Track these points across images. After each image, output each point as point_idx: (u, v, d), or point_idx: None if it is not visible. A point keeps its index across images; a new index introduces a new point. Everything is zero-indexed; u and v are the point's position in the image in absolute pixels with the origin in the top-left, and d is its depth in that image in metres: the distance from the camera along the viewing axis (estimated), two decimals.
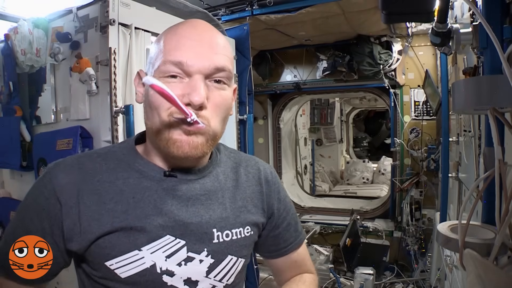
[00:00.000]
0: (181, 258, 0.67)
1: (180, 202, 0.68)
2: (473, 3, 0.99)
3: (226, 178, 0.76)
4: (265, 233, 0.82)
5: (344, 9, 2.63)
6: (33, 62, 1.80)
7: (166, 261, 0.66)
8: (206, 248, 0.69)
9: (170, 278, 0.67)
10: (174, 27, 0.69)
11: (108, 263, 0.65)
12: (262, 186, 0.80)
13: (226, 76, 0.67)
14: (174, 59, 0.63)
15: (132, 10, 1.61)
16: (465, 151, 1.73)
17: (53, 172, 0.68)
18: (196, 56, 0.64)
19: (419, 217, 3.14)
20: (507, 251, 0.75)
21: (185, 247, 0.67)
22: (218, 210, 0.72)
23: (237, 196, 0.76)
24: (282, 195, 0.84)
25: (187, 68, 0.63)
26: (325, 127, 6.15)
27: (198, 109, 0.63)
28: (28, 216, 0.66)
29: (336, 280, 2.80)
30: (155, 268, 0.65)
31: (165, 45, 0.65)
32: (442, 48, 1.64)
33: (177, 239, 0.67)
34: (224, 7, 2.66)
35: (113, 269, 0.65)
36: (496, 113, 0.73)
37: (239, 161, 0.81)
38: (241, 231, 0.74)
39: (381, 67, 3.26)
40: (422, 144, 3.30)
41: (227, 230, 0.72)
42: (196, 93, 0.62)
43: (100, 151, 0.73)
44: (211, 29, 0.69)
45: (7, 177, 2.14)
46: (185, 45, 0.64)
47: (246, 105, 2.42)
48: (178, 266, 0.67)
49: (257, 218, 0.78)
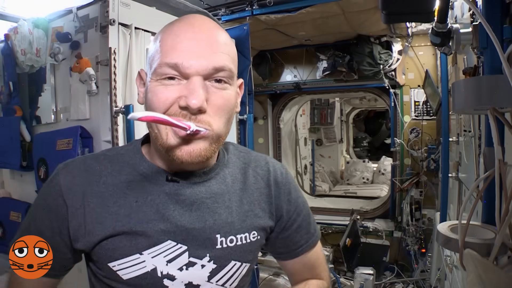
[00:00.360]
0: (182, 263, 0.67)
1: (183, 207, 0.67)
2: (473, 3, 0.99)
3: (233, 180, 0.74)
4: (274, 235, 0.79)
5: (344, 9, 2.63)
6: (33, 62, 1.80)
7: (167, 266, 0.66)
8: (209, 254, 0.68)
9: (171, 282, 0.66)
10: (170, 25, 0.66)
11: (111, 265, 0.65)
12: (271, 188, 0.77)
13: (227, 76, 0.63)
14: (170, 61, 0.60)
15: (132, 10, 1.61)
16: (465, 151, 1.73)
17: (61, 173, 0.68)
18: (193, 56, 0.60)
19: (419, 217, 3.14)
20: (507, 251, 0.75)
21: (186, 252, 0.67)
22: (224, 215, 0.70)
23: (244, 200, 0.73)
24: (294, 196, 0.80)
25: (184, 70, 0.60)
26: (325, 127, 6.14)
27: (197, 113, 0.60)
28: (40, 215, 0.68)
29: (336, 280, 2.80)
30: (156, 272, 0.65)
31: (161, 45, 0.63)
32: (442, 48, 1.64)
33: (179, 244, 0.66)
34: (224, 7, 2.66)
35: (116, 270, 0.65)
36: (496, 113, 0.73)
37: (249, 161, 0.78)
38: (247, 236, 0.72)
39: (381, 67, 3.26)
40: (422, 144, 3.30)
41: (231, 235, 0.70)
42: (194, 96, 0.59)
43: (108, 152, 0.73)
44: (210, 25, 0.65)
45: (7, 177, 2.14)
46: (181, 45, 0.61)
47: (246, 105, 2.42)
48: (179, 270, 0.66)
49: (265, 222, 0.75)
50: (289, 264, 0.83)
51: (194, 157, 0.62)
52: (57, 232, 0.66)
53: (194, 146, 0.62)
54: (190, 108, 0.59)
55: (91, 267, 0.71)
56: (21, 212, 1.87)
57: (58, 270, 0.69)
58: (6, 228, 1.95)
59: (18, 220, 1.87)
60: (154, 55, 0.64)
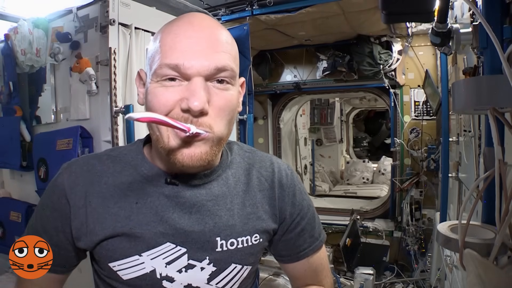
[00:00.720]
0: (181, 265, 0.66)
1: (183, 210, 0.67)
2: (473, 3, 0.99)
3: (236, 182, 0.72)
4: (277, 238, 0.78)
5: (344, 9, 2.63)
6: (33, 62, 1.80)
7: (166, 268, 0.66)
8: (208, 257, 0.67)
9: (170, 283, 0.66)
10: (170, 24, 0.64)
11: (111, 265, 0.66)
12: (275, 190, 0.75)
13: (229, 76, 0.62)
14: (170, 62, 0.59)
15: (132, 10, 1.62)
16: (465, 151, 1.73)
17: (65, 173, 0.68)
18: (194, 56, 0.59)
19: (419, 217, 3.14)
20: (507, 251, 0.75)
21: (186, 255, 0.66)
22: (225, 217, 0.69)
23: (246, 202, 0.72)
24: (298, 198, 0.78)
25: (185, 70, 0.59)
26: (325, 127, 6.14)
27: (199, 115, 0.59)
28: (45, 214, 0.68)
29: (336, 280, 2.80)
30: (155, 274, 0.66)
31: (161, 45, 0.61)
32: (442, 48, 1.65)
33: (178, 246, 0.66)
34: (224, 7, 2.66)
35: (116, 270, 0.66)
36: (496, 113, 0.73)
37: (253, 162, 0.77)
38: (248, 239, 0.70)
39: (381, 67, 3.26)
40: (422, 144, 3.30)
41: (232, 238, 0.69)
42: (195, 98, 0.58)
43: (112, 152, 0.72)
44: (210, 23, 0.63)
45: (7, 177, 2.15)
46: (181, 44, 0.59)
47: (246, 105, 2.43)
48: (178, 272, 0.66)
49: (268, 225, 0.73)
50: (290, 267, 0.81)
51: (195, 160, 0.61)
52: (61, 231, 0.67)
53: (195, 150, 0.61)
54: (191, 111, 0.58)
55: (94, 266, 0.72)
56: (21, 212, 1.87)
57: (64, 267, 0.70)
58: (6, 228, 1.95)
59: (18, 220, 1.87)
60: (153, 56, 0.63)
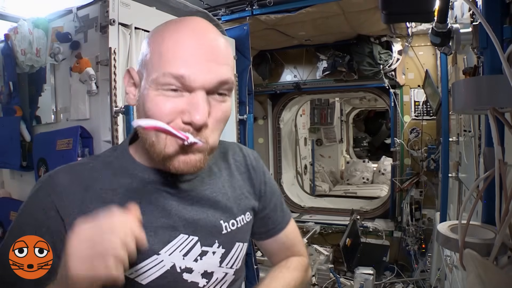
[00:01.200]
0: (196, 253, 0.69)
1: (185, 202, 0.69)
2: (473, 3, 0.99)
3: (219, 169, 0.78)
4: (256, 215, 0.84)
5: (344, 9, 2.63)
6: (33, 62, 1.80)
7: (184, 260, 0.67)
8: (217, 240, 0.71)
9: (190, 274, 0.68)
10: (170, 28, 0.62)
11: (127, 273, 0.60)
12: (250, 172, 0.82)
13: (229, 88, 0.64)
14: (176, 72, 0.58)
15: (132, 10, 1.61)
16: (465, 151, 1.73)
17: (47, 185, 0.64)
18: (200, 69, 0.59)
19: (419, 217, 3.14)
20: (507, 251, 0.75)
21: (198, 243, 0.69)
22: (223, 202, 0.74)
23: (234, 185, 0.78)
24: (267, 177, 0.86)
25: (189, 83, 0.58)
26: (325, 127, 6.15)
27: (199, 129, 0.60)
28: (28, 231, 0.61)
29: (336, 280, 2.80)
30: (175, 268, 0.66)
31: (163, 51, 0.60)
32: (442, 48, 1.64)
33: (190, 236, 0.68)
34: (224, 7, 2.66)
35: (133, 277, 0.64)
36: (496, 113, 0.73)
37: (226, 150, 0.82)
38: (243, 218, 0.76)
39: (381, 67, 3.26)
40: (422, 144, 3.30)
41: (232, 219, 0.74)
42: (198, 112, 0.58)
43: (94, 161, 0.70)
44: (210, 29, 0.64)
45: (7, 177, 2.14)
46: (186, 53, 0.59)
47: (246, 105, 2.42)
48: (194, 262, 0.68)
49: (253, 203, 0.80)
50: (269, 243, 0.87)
51: (190, 167, 0.63)
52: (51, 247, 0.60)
53: (191, 157, 0.62)
54: (194, 124, 0.59)
55: None
56: None
57: None
58: (6, 228, 1.95)
59: None
60: (152, 60, 0.61)
